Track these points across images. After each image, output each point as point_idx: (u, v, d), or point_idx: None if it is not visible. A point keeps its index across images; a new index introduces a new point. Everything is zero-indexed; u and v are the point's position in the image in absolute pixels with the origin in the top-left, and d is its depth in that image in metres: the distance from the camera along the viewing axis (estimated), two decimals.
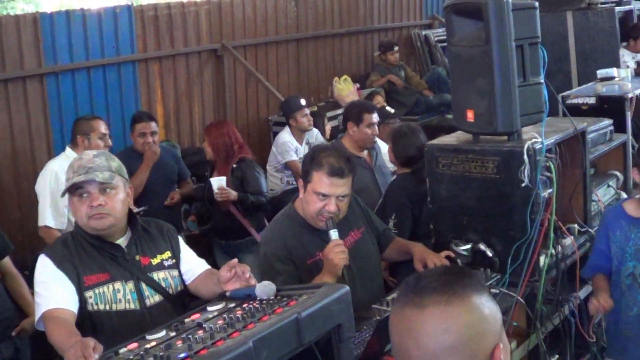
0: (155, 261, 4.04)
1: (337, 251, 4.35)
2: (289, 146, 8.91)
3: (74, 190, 3.88)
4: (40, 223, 6.74)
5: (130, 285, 3.90)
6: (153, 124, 7.76)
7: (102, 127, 6.99)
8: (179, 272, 4.11)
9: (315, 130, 9.31)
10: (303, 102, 9.07)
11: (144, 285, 3.94)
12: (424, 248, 4.90)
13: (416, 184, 6.01)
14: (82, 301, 3.78)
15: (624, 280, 4.89)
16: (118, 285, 3.87)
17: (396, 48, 12.51)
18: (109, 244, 3.94)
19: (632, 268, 4.86)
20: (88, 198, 3.87)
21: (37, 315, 3.76)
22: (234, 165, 7.67)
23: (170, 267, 4.08)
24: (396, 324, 2.01)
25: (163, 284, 4.01)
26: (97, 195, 3.87)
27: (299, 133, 9.04)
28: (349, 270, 4.57)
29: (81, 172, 3.84)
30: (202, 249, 4.52)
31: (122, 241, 4.00)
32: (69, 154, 6.78)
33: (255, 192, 7.61)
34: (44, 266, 3.84)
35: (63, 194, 3.93)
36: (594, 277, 5.06)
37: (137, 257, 3.99)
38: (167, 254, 4.10)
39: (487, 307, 1.98)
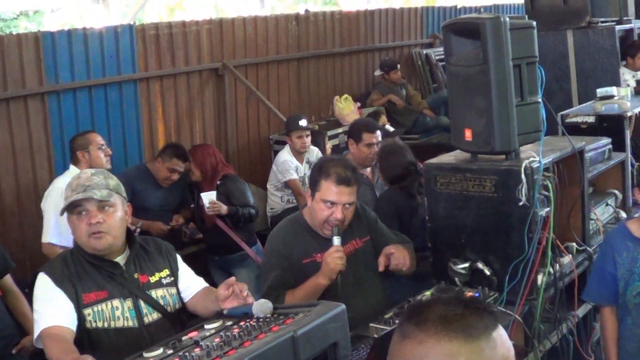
0: (153, 279, 4.05)
1: (335, 256, 4.54)
2: (289, 165, 8.94)
3: (72, 208, 3.89)
4: (44, 240, 6.80)
5: (128, 302, 3.91)
6: (185, 165, 7.94)
7: (98, 138, 7.13)
8: (177, 289, 4.13)
9: (316, 149, 9.34)
10: (303, 123, 9.06)
11: (142, 303, 3.95)
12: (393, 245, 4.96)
13: (405, 198, 6.08)
14: (81, 319, 3.80)
15: (632, 300, 4.88)
16: (116, 302, 3.89)
17: (399, 67, 12.53)
18: (108, 262, 3.96)
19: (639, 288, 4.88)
20: (86, 216, 3.89)
21: (36, 333, 3.77)
22: (218, 182, 7.82)
23: (168, 284, 4.09)
24: (395, 355, 1.95)
25: (161, 302, 4.02)
26: (95, 213, 3.88)
27: (296, 153, 9.07)
28: (344, 277, 4.67)
29: (79, 190, 3.86)
30: (198, 267, 4.56)
31: (120, 259, 4.01)
32: (73, 172, 6.82)
33: (242, 204, 7.78)
34: (43, 284, 3.86)
35: (62, 213, 3.94)
36: (606, 320, 5.04)
37: (136, 275, 4.00)
38: (166, 271, 4.12)
39: (467, 355, 1.85)
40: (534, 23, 5.02)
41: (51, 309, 3.77)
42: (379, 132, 7.44)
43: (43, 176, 8.13)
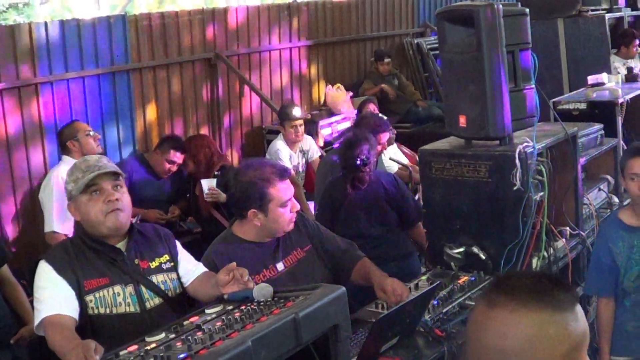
0: (153, 265, 4.08)
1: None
2: (282, 154, 8.96)
3: (86, 188, 3.91)
4: (47, 229, 6.84)
5: (130, 288, 3.94)
6: (183, 157, 8.04)
7: (84, 125, 7.22)
8: (177, 274, 4.15)
9: (309, 138, 9.36)
10: (297, 112, 9.07)
11: (143, 289, 3.98)
12: (384, 275, 4.66)
13: (343, 189, 6.13)
14: (83, 305, 3.82)
15: (630, 284, 4.96)
16: (118, 288, 3.91)
17: (387, 60, 12.49)
18: (110, 247, 3.98)
19: (638, 271, 4.94)
20: (102, 195, 3.92)
21: (37, 320, 3.78)
22: (216, 173, 7.84)
23: (168, 270, 4.12)
24: (470, 315, 2.06)
25: (162, 287, 4.04)
26: (111, 191, 3.93)
27: (289, 141, 9.09)
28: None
29: (93, 169, 3.90)
30: (194, 257, 4.56)
31: (121, 245, 4.04)
32: (67, 161, 6.86)
33: None
34: (44, 272, 3.87)
35: (73, 195, 3.95)
36: (603, 311, 5.09)
37: (136, 261, 4.03)
38: (165, 257, 4.14)
39: (556, 326, 1.92)
40: (527, 10, 5.07)
41: (52, 297, 3.78)
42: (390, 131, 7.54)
43: (37, 167, 8.14)
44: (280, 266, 4.61)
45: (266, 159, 5.66)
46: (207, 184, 7.66)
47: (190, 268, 4.21)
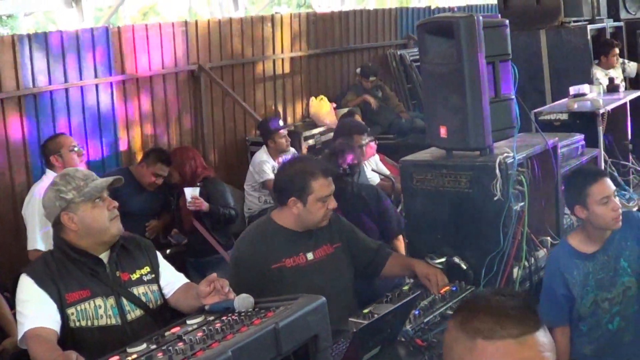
0: (134, 276, 4.08)
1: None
2: (266, 165, 8.98)
3: (92, 198, 3.97)
4: (30, 247, 6.70)
5: (111, 300, 3.94)
6: (168, 170, 7.99)
7: (69, 140, 7.09)
8: (159, 286, 4.17)
9: (292, 150, 9.39)
10: (281, 122, 9.18)
11: (124, 301, 3.99)
12: (426, 264, 4.97)
13: None
14: (64, 318, 3.82)
15: (586, 309, 4.87)
16: (99, 301, 3.91)
17: (372, 78, 12.49)
18: (93, 259, 3.99)
19: (594, 297, 4.85)
20: (105, 202, 4.02)
21: (20, 334, 3.78)
22: (198, 184, 7.84)
23: (149, 281, 4.13)
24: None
25: (143, 299, 4.05)
26: (110, 199, 4.07)
27: (276, 153, 9.12)
28: (315, 282, 4.71)
29: (91, 178, 4.01)
30: (175, 268, 4.60)
31: (104, 256, 4.04)
32: (50, 176, 6.82)
33: (222, 205, 7.80)
34: (26, 285, 3.87)
35: (75, 202, 3.95)
36: (557, 342, 4.83)
37: (118, 273, 4.03)
38: (146, 269, 4.15)
39: (451, 337, 2.11)
40: (507, 21, 5.10)
41: (34, 310, 3.79)
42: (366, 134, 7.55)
43: (20, 180, 8.14)
44: (310, 256, 4.88)
45: (312, 156, 5.76)
46: (190, 193, 7.67)
47: (171, 279, 4.22)
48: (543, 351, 2.01)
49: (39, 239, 6.66)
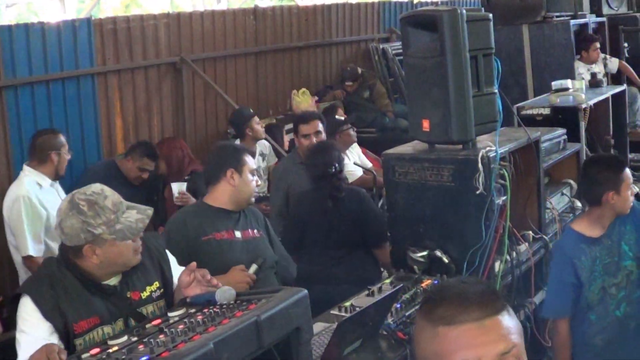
0: (144, 294, 3.90)
1: (244, 281, 4.81)
2: None
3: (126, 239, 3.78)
4: (23, 253, 6.61)
5: (119, 323, 3.76)
6: (155, 163, 7.95)
7: (64, 142, 7.02)
8: (166, 301, 4.00)
9: (265, 142, 9.33)
10: (252, 110, 9.11)
11: (132, 322, 3.78)
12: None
13: (314, 200, 6.08)
14: (70, 347, 3.58)
15: (594, 297, 4.93)
16: (108, 328, 3.71)
17: (348, 83, 12.45)
18: (107, 287, 3.81)
19: (601, 282, 4.91)
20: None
21: (21, 357, 3.54)
22: (186, 178, 7.80)
23: (158, 298, 3.96)
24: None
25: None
26: None
27: (252, 143, 9.03)
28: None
29: (122, 209, 3.80)
30: None
31: (115, 279, 3.85)
32: (29, 173, 6.74)
33: None
34: (28, 313, 3.63)
35: (104, 238, 3.69)
36: (562, 332, 5.03)
37: (128, 294, 3.85)
38: (156, 284, 3.97)
39: (417, 327, 2.11)
40: (490, 15, 5.11)
41: (34, 344, 3.45)
42: (316, 123, 7.43)
43: (1, 172, 8.08)
44: (238, 234, 5.09)
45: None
46: (178, 188, 7.62)
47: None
48: (507, 334, 1.98)
49: (30, 246, 6.55)
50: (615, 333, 4.99)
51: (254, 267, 4.85)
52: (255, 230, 5.21)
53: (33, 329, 3.58)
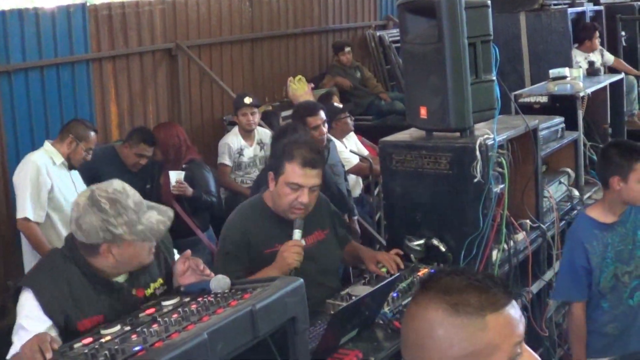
0: (149, 292, 3.82)
1: (293, 251, 4.37)
2: (227, 148, 8.83)
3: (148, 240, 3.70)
4: (20, 215, 6.62)
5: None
6: (152, 150, 7.85)
7: (93, 142, 6.99)
8: None
9: (267, 131, 9.27)
10: (247, 100, 8.92)
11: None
12: (371, 250, 4.97)
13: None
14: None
15: (607, 284, 4.93)
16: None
17: (347, 49, 12.43)
18: (114, 284, 3.72)
19: (614, 269, 4.91)
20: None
21: (15, 348, 3.44)
22: (184, 166, 7.73)
23: (161, 295, 3.86)
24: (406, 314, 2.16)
25: None
26: None
27: (245, 132, 8.98)
28: (306, 267, 4.46)
29: (143, 209, 3.71)
30: None
31: (122, 277, 3.77)
32: (47, 147, 6.78)
33: (205, 192, 7.70)
34: (29, 310, 3.53)
35: (124, 238, 3.59)
36: (577, 316, 5.02)
37: (134, 292, 3.77)
38: (159, 281, 3.90)
39: (446, 328, 1.96)
40: (489, 2, 5.06)
41: (35, 333, 3.32)
42: (321, 112, 7.35)
43: None
44: (302, 242, 4.56)
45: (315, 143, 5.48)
46: (175, 176, 7.55)
47: None
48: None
49: (29, 207, 6.59)
50: (628, 322, 5.00)
51: (297, 233, 4.50)
52: (321, 230, 4.85)
53: (32, 324, 3.48)
